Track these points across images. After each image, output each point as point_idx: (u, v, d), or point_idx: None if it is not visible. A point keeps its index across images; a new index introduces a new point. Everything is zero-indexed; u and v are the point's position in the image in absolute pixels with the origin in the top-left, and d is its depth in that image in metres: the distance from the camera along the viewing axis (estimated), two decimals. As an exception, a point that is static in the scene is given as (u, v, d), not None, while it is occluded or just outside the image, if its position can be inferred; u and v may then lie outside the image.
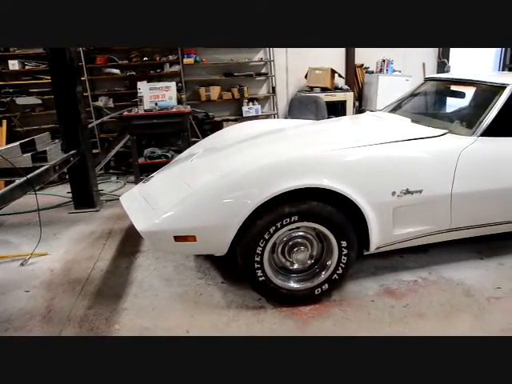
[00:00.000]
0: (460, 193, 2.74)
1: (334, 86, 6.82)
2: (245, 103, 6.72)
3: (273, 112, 7.02)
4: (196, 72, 6.60)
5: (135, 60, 6.22)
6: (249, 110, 6.68)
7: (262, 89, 7.04)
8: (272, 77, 6.89)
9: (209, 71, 6.66)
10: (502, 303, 2.70)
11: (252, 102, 6.75)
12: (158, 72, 6.34)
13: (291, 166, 2.47)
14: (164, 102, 5.47)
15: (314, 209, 2.43)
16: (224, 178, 2.51)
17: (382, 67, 7.02)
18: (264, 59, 6.84)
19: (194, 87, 6.63)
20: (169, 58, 6.32)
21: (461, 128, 3.02)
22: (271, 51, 6.77)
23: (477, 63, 8.20)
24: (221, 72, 6.67)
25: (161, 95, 5.49)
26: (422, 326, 2.48)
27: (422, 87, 3.94)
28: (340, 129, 3.39)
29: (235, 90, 6.62)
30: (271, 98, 7.06)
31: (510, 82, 3.03)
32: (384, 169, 2.59)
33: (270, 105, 7.12)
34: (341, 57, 7.18)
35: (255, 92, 6.98)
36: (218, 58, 6.60)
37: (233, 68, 6.66)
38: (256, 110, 6.71)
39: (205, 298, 2.79)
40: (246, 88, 6.67)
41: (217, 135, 4.02)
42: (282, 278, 2.61)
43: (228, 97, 6.62)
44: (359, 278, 2.99)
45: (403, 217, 2.66)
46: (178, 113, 5.38)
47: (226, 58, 6.62)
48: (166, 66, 6.37)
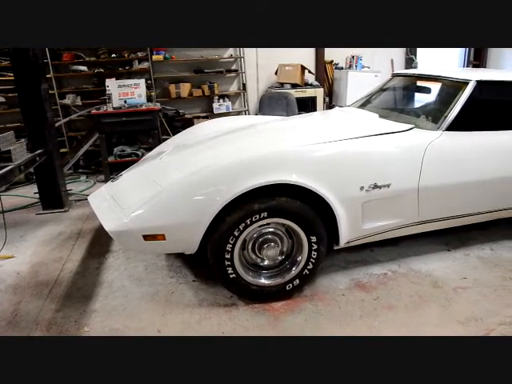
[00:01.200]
0: (427, 186, 2.80)
1: (304, 82, 6.86)
2: (215, 100, 6.68)
3: (244, 108, 7.01)
4: (166, 69, 6.52)
5: (103, 57, 6.11)
6: (219, 107, 6.65)
7: (232, 85, 7.01)
8: (242, 73, 6.88)
9: (179, 68, 6.60)
10: (467, 293, 2.78)
11: (223, 99, 6.73)
12: (127, 69, 6.25)
13: (260, 162, 2.46)
14: (133, 99, 5.40)
15: (283, 205, 2.44)
16: (193, 175, 2.49)
17: (352, 63, 7.09)
18: (234, 56, 6.82)
19: (164, 84, 6.55)
20: (138, 54, 6.23)
21: (427, 123, 3.07)
22: (241, 48, 6.74)
23: (443, 60, 8.39)
24: (191, 69, 6.62)
25: (130, 92, 5.41)
26: (391, 318, 2.52)
27: (389, 83, 3.99)
28: (309, 125, 3.41)
29: (205, 86, 6.58)
30: (242, 95, 7.05)
31: (473, 78, 3.10)
32: (352, 164, 2.62)
33: (240, 101, 7.11)
34: (311, 53, 7.22)
35: (226, 89, 6.95)
36: (187, 55, 6.55)
37: (203, 65, 6.62)
38: (227, 107, 6.69)
39: (176, 297, 2.77)
40: (216, 85, 6.63)
41: (187, 132, 3.99)
42: (253, 275, 2.62)
43: (198, 94, 6.58)
44: (330, 272, 3.02)
45: (372, 211, 2.69)
46: (147, 110, 5.32)
47: (195, 54, 6.57)
48: (135, 63, 6.28)
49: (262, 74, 7.02)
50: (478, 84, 3.08)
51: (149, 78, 6.26)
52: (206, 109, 6.85)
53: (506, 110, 3.36)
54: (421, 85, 3.86)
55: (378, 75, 6.69)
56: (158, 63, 6.34)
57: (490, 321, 2.49)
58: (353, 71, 6.92)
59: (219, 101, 6.70)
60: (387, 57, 7.78)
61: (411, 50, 7.87)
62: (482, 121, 3.13)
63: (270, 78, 7.05)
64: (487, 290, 2.81)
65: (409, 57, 7.90)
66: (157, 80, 6.42)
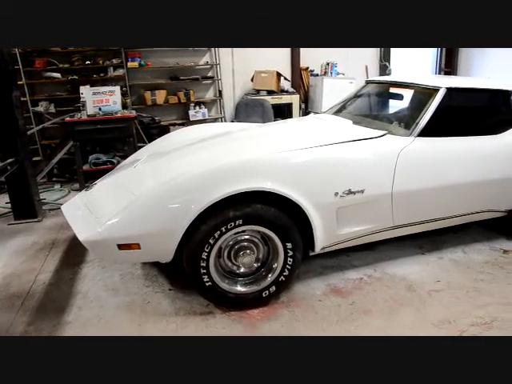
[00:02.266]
0: (400, 191, 2.85)
1: (280, 89, 6.90)
2: (191, 107, 6.67)
3: (220, 115, 7.01)
4: (141, 76, 6.48)
5: (77, 64, 6.03)
6: (195, 114, 6.64)
7: (208, 92, 7.01)
8: (218, 80, 6.88)
9: (154, 75, 6.56)
10: (440, 295, 2.83)
11: (199, 106, 6.71)
12: (102, 76, 6.18)
13: (234, 169, 2.47)
14: (108, 106, 5.34)
15: (258, 212, 2.45)
16: (167, 183, 2.48)
17: (327, 70, 7.16)
18: (210, 62, 6.82)
19: (140, 91, 6.51)
20: (112, 61, 6.18)
21: (399, 129, 3.13)
22: (217, 54, 6.76)
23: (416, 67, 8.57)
24: (166, 76, 6.59)
25: (105, 100, 5.36)
26: (367, 323, 2.55)
27: (363, 89, 4.06)
28: (284, 131, 3.43)
29: (181, 93, 6.55)
30: (218, 102, 7.05)
31: (443, 85, 3.18)
32: (326, 170, 2.65)
33: (217, 108, 7.11)
34: (286, 60, 7.28)
35: (202, 96, 6.94)
36: (163, 62, 6.52)
37: (179, 72, 6.60)
38: (203, 114, 6.68)
39: (152, 306, 2.75)
40: (192, 92, 6.62)
41: (162, 140, 3.97)
42: (229, 283, 2.61)
43: (174, 101, 6.55)
44: (307, 278, 3.04)
45: (347, 217, 2.73)
46: (122, 118, 5.27)
47: (171, 61, 6.55)
48: (110, 70, 6.22)
49: (238, 81, 7.04)
50: (447, 91, 3.16)
51: (124, 85, 6.20)
52: (182, 116, 6.82)
53: (475, 115, 3.46)
54: (393, 91, 3.94)
55: (352, 82, 6.77)
56: (134, 70, 6.29)
57: (462, 322, 2.54)
58: (328, 78, 6.99)
59: (195, 108, 6.69)
60: (362, 63, 7.90)
61: (385, 56, 8.01)
62: (452, 127, 3.20)
63: (246, 85, 7.08)
64: (459, 292, 2.87)
65: (383, 63, 8.04)
66: (132, 87, 6.37)
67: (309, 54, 7.23)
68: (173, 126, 6.48)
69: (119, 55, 6.14)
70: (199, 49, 6.70)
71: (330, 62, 7.15)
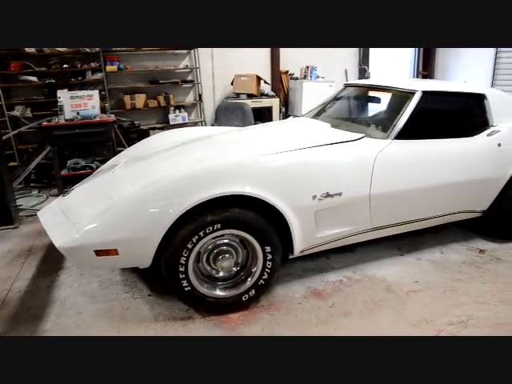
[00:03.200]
0: (378, 193, 2.88)
1: (260, 93, 6.92)
2: (171, 111, 6.63)
3: (200, 119, 6.99)
4: (120, 80, 6.43)
5: (54, 67, 5.94)
6: (175, 118, 6.61)
7: (188, 96, 6.99)
8: (198, 84, 6.86)
9: (133, 79, 6.51)
10: (419, 296, 2.87)
11: (179, 110, 6.68)
12: (80, 80, 6.10)
13: (212, 174, 2.47)
14: (86, 110, 5.30)
15: (237, 216, 2.45)
16: (145, 188, 2.46)
17: (306, 73, 7.22)
18: (190, 66, 6.80)
19: (119, 95, 6.44)
20: (91, 65, 6.11)
21: (377, 132, 3.17)
22: (197, 58, 6.74)
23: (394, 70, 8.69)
24: (146, 79, 6.55)
25: (83, 104, 5.31)
26: (347, 325, 2.57)
27: (341, 93, 4.09)
28: (263, 135, 3.44)
29: (161, 97, 6.52)
30: (198, 105, 7.03)
31: (419, 89, 3.23)
32: (304, 173, 2.66)
33: (197, 112, 7.09)
34: (266, 63, 7.30)
35: (182, 99, 6.91)
36: (142, 65, 6.48)
37: (158, 75, 6.56)
38: (183, 118, 6.65)
39: (131, 313, 2.72)
40: (172, 95, 6.59)
41: (141, 144, 3.94)
42: (208, 287, 2.61)
43: (154, 105, 6.51)
44: (287, 281, 3.04)
45: (325, 219, 2.74)
46: (101, 122, 5.24)
47: (150, 65, 6.52)
48: (88, 74, 6.14)
49: (218, 85, 7.04)
50: (423, 94, 3.21)
51: (103, 88, 6.14)
52: (161, 120, 6.78)
53: (450, 118, 3.52)
54: (371, 95, 3.99)
55: (332, 85, 6.83)
56: (113, 74, 6.24)
57: (439, 322, 2.58)
58: (307, 81, 7.04)
59: (175, 111, 6.66)
60: (341, 67, 7.98)
61: (364, 60, 8.10)
62: (428, 129, 3.25)
63: (226, 89, 7.08)
64: (437, 292, 2.91)
65: (362, 67, 8.12)
66: (111, 91, 6.32)
67: (288, 58, 7.28)
68: (152, 130, 6.44)
69: (97, 58, 6.08)
70: (179, 52, 6.68)
71: (309, 65, 7.21)
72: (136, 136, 6.30)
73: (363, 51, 8.04)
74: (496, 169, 3.36)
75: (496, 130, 3.42)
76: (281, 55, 7.24)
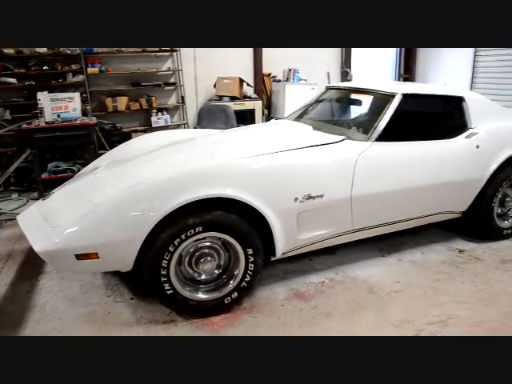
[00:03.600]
0: (359, 195, 2.90)
1: (242, 95, 6.94)
2: (153, 113, 6.60)
3: (183, 122, 6.97)
4: (102, 82, 6.38)
5: (34, 69, 5.86)
6: (158, 121, 6.58)
7: (171, 98, 6.96)
8: (181, 86, 6.84)
9: (115, 81, 6.47)
10: (400, 296, 2.90)
11: (161, 112, 6.65)
12: (61, 82, 6.03)
13: (194, 176, 2.46)
14: (67, 113, 5.24)
15: (218, 218, 2.45)
16: (126, 191, 2.45)
17: (289, 76, 7.25)
18: (172, 69, 6.78)
19: (100, 98, 6.39)
20: (71, 67, 6.04)
21: (358, 134, 3.20)
22: (179, 61, 6.72)
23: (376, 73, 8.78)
24: (128, 82, 6.51)
25: (64, 106, 5.25)
26: (329, 326, 2.58)
27: (323, 95, 4.12)
28: (245, 138, 3.44)
29: (143, 100, 6.48)
30: (181, 108, 7.01)
31: (399, 91, 3.27)
32: (286, 176, 2.67)
33: (179, 114, 7.07)
34: (249, 66, 7.32)
35: (164, 102, 6.89)
36: (124, 68, 6.44)
37: (140, 78, 6.53)
38: (165, 120, 6.62)
39: (113, 317, 2.70)
40: (154, 98, 6.56)
41: (123, 147, 3.91)
42: (191, 290, 2.60)
43: (136, 107, 6.47)
44: (269, 283, 3.05)
45: (307, 221, 2.76)
46: (82, 125, 5.18)
47: (132, 67, 6.48)
48: (69, 76, 6.07)
49: (200, 87, 7.03)
50: (403, 97, 3.25)
51: (84, 91, 6.08)
52: (144, 122, 6.75)
53: (430, 120, 3.57)
54: (353, 97, 4.03)
55: (314, 88, 6.88)
56: (94, 76, 6.19)
57: (420, 321, 2.62)
58: (290, 84, 7.08)
59: (157, 114, 6.62)
60: (324, 69, 8.03)
61: (346, 63, 8.17)
62: (408, 131, 3.30)
63: (209, 91, 7.07)
64: (418, 292, 2.95)
65: (344, 70, 8.19)
66: (93, 93, 6.26)
67: (271, 60, 7.31)
68: (135, 132, 6.40)
69: (78, 60, 6.02)
70: (161, 54, 6.66)
71: (292, 68, 7.24)
72: (118, 139, 6.25)
73: (345, 54, 8.11)
74: (474, 170, 3.42)
75: (474, 132, 3.48)
76: (263, 58, 7.27)
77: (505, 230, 3.75)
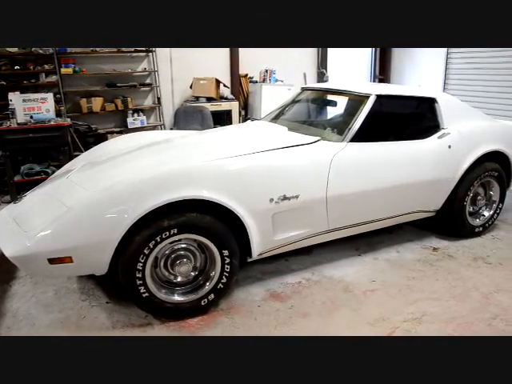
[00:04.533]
0: (334, 195, 2.93)
1: (219, 96, 6.93)
2: (129, 114, 6.53)
3: (159, 123, 6.91)
4: (76, 82, 6.27)
5: (5, 68, 5.72)
6: (134, 122, 6.51)
7: (147, 99, 6.90)
8: (157, 87, 6.79)
9: (90, 82, 6.37)
10: (376, 295, 2.94)
11: (137, 113, 6.59)
12: (33, 82, 5.90)
13: (169, 178, 2.45)
14: (40, 114, 5.13)
15: (193, 220, 2.44)
16: (99, 193, 2.41)
17: (266, 77, 7.27)
18: (148, 69, 6.72)
19: (75, 98, 6.29)
20: (44, 67, 5.92)
21: (332, 135, 3.23)
22: (155, 61, 6.67)
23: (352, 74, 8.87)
24: (103, 82, 6.41)
25: (36, 107, 5.14)
26: (305, 326, 2.60)
27: (298, 96, 4.14)
28: (220, 139, 3.44)
29: (119, 101, 6.40)
30: (157, 109, 6.94)
31: (373, 92, 3.31)
32: (261, 177, 2.68)
33: (156, 116, 7.01)
34: (226, 67, 7.31)
35: (140, 103, 6.82)
36: (99, 68, 6.35)
37: (115, 78, 6.45)
38: (141, 122, 6.56)
39: (88, 321, 2.66)
40: (130, 99, 6.48)
41: (97, 148, 3.85)
42: (167, 292, 2.58)
43: (111, 108, 6.39)
44: (246, 284, 3.05)
45: (283, 222, 2.77)
46: (56, 126, 5.08)
47: (107, 68, 6.40)
48: (42, 76, 5.96)
49: (177, 88, 6.98)
50: (377, 98, 3.30)
51: (58, 91, 5.97)
52: (119, 124, 6.66)
53: (403, 121, 3.63)
54: (328, 98, 4.06)
55: (291, 88, 6.90)
56: (68, 76, 6.07)
57: (395, 319, 2.66)
58: (266, 85, 7.09)
59: (133, 115, 6.55)
60: (300, 70, 8.08)
61: (322, 64, 8.23)
62: (382, 132, 3.35)
63: (186, 92, 7.03)
64: (393, 290, 2.99)
65: (320, 71, 8.25)
66: (67, 94, 6.15)
67: (248, 61, 7.31)
68: (111, 134, 6.31)
69: (51, 61, 5.91)
70: (137, 55, 6.60)
71: (268, 69, 7.26)
72: (93, 140, 6.16)
73: (321, 55, 8.17)
74: (447, 170, 3.49)
75: (446, 133, 3.55)
76: (240, 59, 7.27)
77: (477, 228, 3.84)
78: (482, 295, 2.93)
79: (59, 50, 5.88)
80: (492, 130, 3.89)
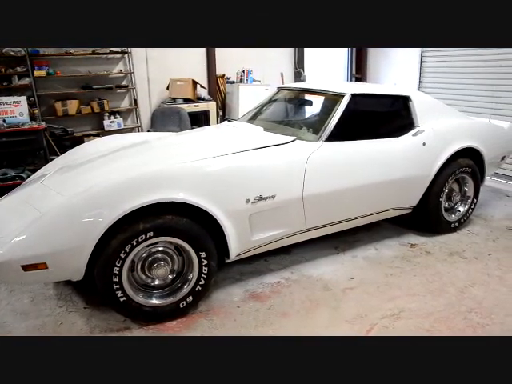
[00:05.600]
0: (311, 195, 2.94)
1: (196, 97, 6.90)
2: (106, 117, 6.45)
3: (136, 125, 6.84)
4: (50, 85, 6.16)
5: (-25, 71, 5.61)
6: (111, 124, 6.43)
7: (123, 101, 6.82)
8: (133, 89, 6.72)
9: (65, 84, 6.27)
10: (354, 293, 2.96)
11: (114, 116, 6.51)
12: (5, 85, 5.77)
13: (144, 181, 2.42)
14: (14, 118, 5.06)
15: (169, 223, 2.42)
16: (74, 198, 2.37)
17: (243, 77, 7.26)
18: (124, 71, 6.64)
19: (50, 101, 6.18)
20: (17, 69, 5.80)
21: (308, 134, 3.24)
22: (131, 63, 6.60)
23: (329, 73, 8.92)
24: (78, 85, 6.32)
25: (9, 111, 5.07)
26: (285, 325, 2.61)
27: (274, 96, 4.15)
28: (196, 140, 3.42)
29: (95, 103, 6.32)
30: (134, 111, 6.87)
31: (348, 91, 3.34)
32: (237, 178, 2.67)
33: (133, 117, 6.93)
34: (202, 67, 7.27)
35: (116, 105, 6.73)
36: (74, 70, 6.25)
37: (91, 80, 6.35)
38: (118, 124, 6.49)
39: (66, 327, 2.62)
40: (106, 101, 6.40)
41: (73, 152, 3.79)
42: (145, 296, 2.56)
43: (87, 111, 6.30)
44: (225, 285, 3.05)
45: (260, 222, 2.77)
46: (30, 130, 5.02)
47: (82, 70, 6.30)
48: (15, 79, 5.84)
49: (153, 89, 6.92)
50: (352, 96, 3.32)
51: (31, 94, 5.87)
52: (96, 126, 6.58)
53: (378, 120, 3.67)
54: (303, 98, 4.08)
55: (268, 88, 6.91)
56: (42, 79, 5.97)
57: (373, 316, 2.69)
58: (244, 85, 7.09)
59: (110, 117, 6.48)
60: (277, 70, 8.08)
61: (299, 63, 8.25)
62: (358, 130, 3.37)
63: (162, 93, 6.97)
64: (371, 287, 3.02)
65: (297, 70, 8.27)
66: (41, 97, 6.04)
67: (225, 61, 7.29)
68: (87, 137, 6.22)
69: (24, 63, 5.80)
70: (112, 56, 6.52)
71: (245, 69, 7.25)
72: (70, 143, 6.06)
73: (298, 55, 8.20)
74: (422, 167, 3.54)
75: (421, 130, 3.60)
76: (217, 59, 7.24)
77: (452, 224, 3.91)
78: (457, 290, 2.98)
79: (32, 52, 5.78)
80: (465, 127, 3.96)
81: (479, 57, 5.99)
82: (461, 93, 6.34)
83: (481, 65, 6.01)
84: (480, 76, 6.04)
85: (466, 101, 6.23)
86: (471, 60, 6.14)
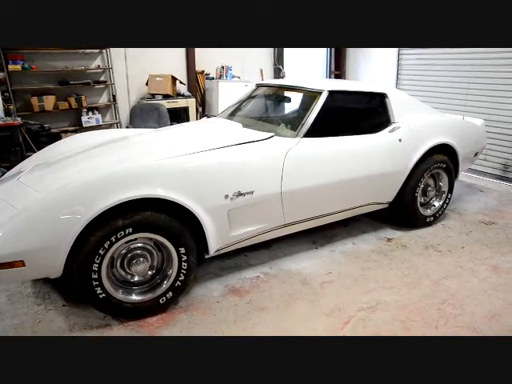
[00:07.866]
0: (289, 190, 2.98)
1: (175, 93, 6.87)
2: (84, 113, 6.38)
3: (115, 121, 6.79)
4: (26, 80, 6.06)
5: None
6: (89, 120, 6.37)
7: (101, 97, 6.75)
8: (112, 85, 6.66)
9: (41, 79, 6.17)
10: (332, 286, 3.01)
11: (92, 112, 6.44)
12: (-22, 80, 5.68)
13: (122, 177, 2.42)
14: (-12, 114, 4.96)
15: (148, 219, 2.43)
16: (50, 195, 2.35)
17: (222, 73, 7.26)
18: (102, 66, 6.58)
19: (25, 97, 6.07)
20: (-11, 64, 5.71)
21: (286, 130, 3.28)
22: (109, 58, 6.54)
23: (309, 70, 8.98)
24: (55, 80, 6.23)
25: (-17, 107, 4.97)
26: (264, 319, 2.64)
27: (253, 93, 4.17)
28: (175, 136, 3.41)
29: (72, 99, 6.24)
30: (112, 107, 6.81)
31: (325, 88, 3.38)
32: (215, 173, 2.69)
33: (111, 113, 6.87)
34: (182, 63, 7.24)
35: (95, 101, 6.67)
36: (50, 65, 6.16)
37: (68, 76, 6.27)
38: (97, 120, 6.43)
39: (44, 326, 2.60)
40: (84, 97, 6.33)
41: (50, 149, 3.75)
42: (124, 292, 2.56)
43: (65, 106, 6.22)
44: (205, 280, 3.07)
45: (239, 218, 2.80)
46: (5, 126, 4.95)
47: (59, 65, 6.21)
48: (-12, 74, 5.74)
49: (132, 85, 6.86)
50: (330, 93, 3.37)
51: (6, 90, 5.76)
52: (74, 122, 6.50)
53: (355, 116, 3.72)
54: (282, 94, 4.11)
55: (247, 85, 6.92)
56: (17, 74, 5.87)
57: (350, 309, 2.74)
58: (223, 81, 7.08)
59: (88, 113, 6.41)
60: (257, 67, 8.10)
61: (279, 60, 8.28)
62: (335, 127, 3.42)
63: (141, 89, 6.93)
64: (349, 281, 3.08)
65: (277, 67, 8.30)
66: (16, 92, 5.94)
67: (204, 58, 7.27)
68: (65, 133, 6.15)
69: (-3, 57, 5.69)
70: (90, 52, 6.45)
71: (225, 65, 7.25)
72: (47, 140, 5.97)
73: (278, 51, 8.22)
74: (398, 163, 3.61)
75: (397, 127, 3.67)
76: (196, 55, 7.22)
77: (428, 218, 4.00)
78: (432, 282, 3.06)
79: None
80: (440, 123, 4.04)
81: (454, 55, 6.11)
82: (436, 90, 6.47)
83: (455, 63, 6.15)
84: (454, 74, 6.17)
85: (441, 98, 6.36)
86: (446, 58, 6.27)
